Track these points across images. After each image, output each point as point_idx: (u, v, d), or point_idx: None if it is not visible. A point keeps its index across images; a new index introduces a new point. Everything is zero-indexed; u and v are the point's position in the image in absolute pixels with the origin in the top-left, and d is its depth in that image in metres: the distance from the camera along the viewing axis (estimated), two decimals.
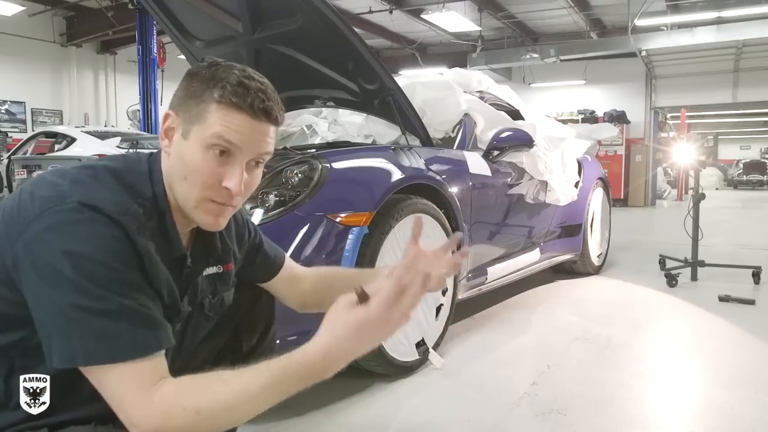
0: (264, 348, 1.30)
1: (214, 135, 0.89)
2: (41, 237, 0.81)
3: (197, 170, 0.91)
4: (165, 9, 2.72)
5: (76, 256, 0.80)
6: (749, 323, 2.89)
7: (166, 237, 0.94)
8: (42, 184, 0.88)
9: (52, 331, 0.80)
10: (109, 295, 0.80)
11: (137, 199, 0.90)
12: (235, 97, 0.89)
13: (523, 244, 3.29)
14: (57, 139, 7.00)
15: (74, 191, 0.85)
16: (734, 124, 23.18)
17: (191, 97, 0.92)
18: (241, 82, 0.90)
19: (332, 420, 1.78)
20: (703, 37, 9.22)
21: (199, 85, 0.91)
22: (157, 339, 0.84)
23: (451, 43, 12.01)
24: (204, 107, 0.90)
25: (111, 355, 0.79)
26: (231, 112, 0.89)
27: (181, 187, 0.93)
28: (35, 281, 0.81)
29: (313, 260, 1.80)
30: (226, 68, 0.92)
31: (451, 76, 3.39)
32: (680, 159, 4.55)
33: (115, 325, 0.80)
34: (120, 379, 0.80)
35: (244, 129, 0.90)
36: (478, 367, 2.26)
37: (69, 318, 0.79)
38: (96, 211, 0.83)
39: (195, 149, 0.91)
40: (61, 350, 0.80)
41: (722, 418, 1.84)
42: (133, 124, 9.91)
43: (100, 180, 0.89)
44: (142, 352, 0.81)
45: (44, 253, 0.80)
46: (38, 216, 0.82)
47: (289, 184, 1.93)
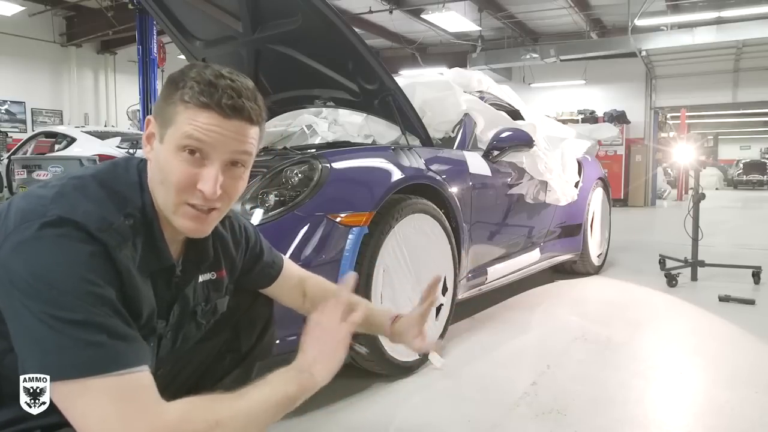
0: (262, 347, 1.31)
1: (184, 135, 0.88)
2: (18, 249, 0.79)
3: (171, 173, 0.89)
4: (165, 9, 2.72)
5: (51, 270, 0.78)
6: (749, 323, 2.89)
7: (154, 247, 0.93)
8: (28, 196, 0.87)
9: (28, 344, 0.78)
10: (85, 308, 0.78)
11: (125, 210, 0.89)
12: (203, 96, 0.88)
13: (523, 244, 3.29)
14: (57, 139, 7.01)
15: (56, 204, 0.83)
16: (734, 124, 23.18)
17: (164, 100, 0.91)
18: (210, 81, 0.88)
19: (332, 420, 1.78)
20: (703, 37, 9.21)
21: (171, 87, 0.91)
22: (135, 352, 0.81)
23: (451, 43, 12.01)
24: (173, 109, 0.89)
25: (92, 367, 0.76)
26: (199, 111, 0.88)
27: (160, 192, 0.92)
28: (12, 294, 0.79)
29: (312, 260, 1.80)
30: (200, 68, 0.91)
31: (451, 76, 3.39)
32: (680, 159, 4.55)
33: (93, 336, 0.77)
34: (109, 396, 0.76)
35: (213, 127, 0.88)
36: (478, 367, 2.26)
37: (44, 327, 0.76)
38: (76, 227, 0.81)
39: (168, 152, 0.89)
40: (35, 362, 0.77)
41: (722, 418, 1.84)
42: (133, 124, 9.90)
43: (86, 191, 0.87)
44: (125, 363, 0.78)
45: (20, 267, 0.78)
46: (17, 228, 0.81)
47: (289, 184, 1.93)
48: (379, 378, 2.07)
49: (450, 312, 2.43)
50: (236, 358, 1.27)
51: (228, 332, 1.25)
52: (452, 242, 2.40)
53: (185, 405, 0.82)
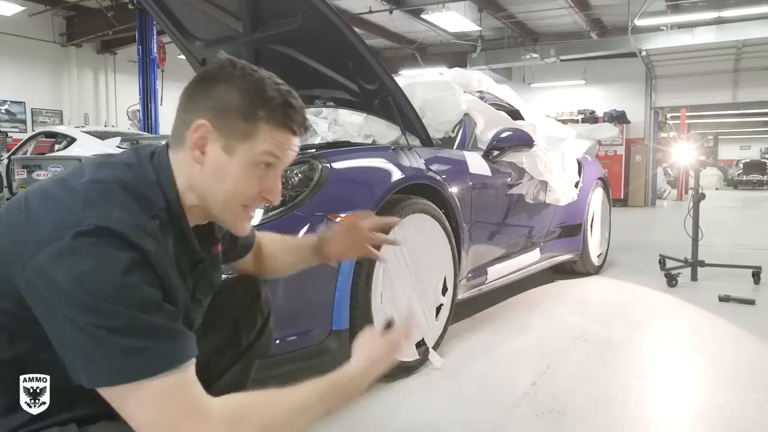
0: (261, 344, 1.33)
1: (265, 152, 0.93)
2: (57, 260, 0.78)
3: (244, 185, 0.94)
4: (165, 9, 2.72)
5: (94, 280, 0.78)
6: (749, 323, 2.89)
7: (184, 243, 0.94)
8: (50, 201, 0.85)
9: (75, 353, 0.79)
10: (130, 314, 0.79)
11: (151, 211, 0.88)
12: (284, 118, 0.94)
13: (523, 244, 3.29)
14: (57, 139, 6.99)
15: (89, 213, 0.82)
16: (734, 124, 23.18)
17: (234, 113, 0.91)
18: (287, 102, 0.94)
19: (332, 420, 1.77)
20: (703, 37, 9.21)
21: (242, 100, 0.91)
22: (181, 349, 0.83)
23: (451, 43, 12.01)
24: (252, 126, 0.92)
25: (140, 371, 0.78)
26: (279, 131, 0.94)
27: (218, 198, 0.94)
28: (53, 304, 0.79)
29: None
30: (261, 81, 0.93)
31: (451, 76, 3.39)
32: (680, 159, 4.54)
33: (139, 342, 0.79)
34: (158, 397, 0.79)
35: (287, 144, 0.96)
36: (478, 367, 2.26)
37: (92, 338, 0.77)
38: (114, 236, 0.81)
39: (243, 165, 0.93)
40: (87, 372, 0.79)
41: (722, 418, 1.84)
42: (133, 124, 9.91)
43: (112, 197, 0.86)
44: (171, 364, 0.81)
45: (60, 277, 0.78)
46: (50, 238, 0.80)
47: (289, 184, 1.92)
48: (379, 378, 2.07)
49: (450, 312, 2.43)
50: (236, 354, 1.28)
51: (228, 329, 1.26)
52: (452, 242, 2.40)
53: (234, 405, 0.85)
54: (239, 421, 0.83)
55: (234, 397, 0.87)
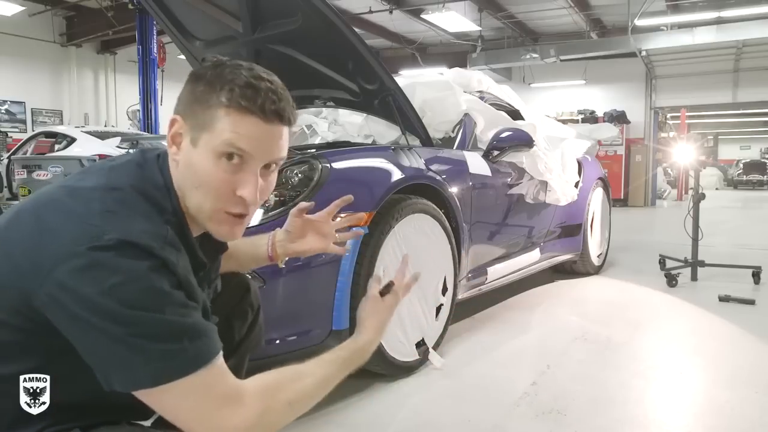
0: (253, 338, 1.33)
1: (225, 143, 0.86)
2: (83, 274, 0.77)
3: (209, 180, 0.87)
4: (165, 9, 2.72)
5: (125, 291, 0.78)
6: (749, 323, 2.89)
7: (189, 248, 0.92)
8: (65, 214, 0.83)
9: (111, 363, 0.80)
10: (161, 319, 0.79)
11: (164, 217, 0.88)
12: (245, 100, 0.85)
13: (523, 244, 3.29)
14: (57, 139, 7.00)
15: (110, 226, 0.80)
16: (734, 124, 23.17)
17: (198, 102, 0.88)
18: (250, 83, 0.86)
19: (332, 420, 1.78)
20: (703, 37, 9.21)
21: (205, 88, 0.87)
22: (213, 344, 0.85)
23: (451, 43, 12.01)
24: (212, 113, 0.86)
25: (180, 371, 0.80)
26: (241, 117, 0.85)
27: (194, 197, 0.90)
28: (83, 318, 0.78)
29: (312, 260, 1.80)
30: (233, 68, 0.87)
31: (451, 76, 3.39)
32: (680, 159, 4.55)
33: (175, 344, 0.80)
34: (196, 390, 0.82)
35: (255, 134, 0.86)
36: (478, 367, 2.26)
37: (129, 347, 0.78)
38: (136, 247, 0.80)
39: (205, 158, 0.87)
40: (124, 378, 0.80)
41: (722, 418, 1.84)
42: (133, 124, 9.91)
43: (131, 206, 0.85)
44: (206, 359, 0.83)
45: (89, 290, 0.77)
46: (74, 254, 0.78)
47: (289, 184, 1.93)
48: (379, 378, 2.07)
49: (450, 312, 2.43)
50: (229, 349, 1.28)
51: (221, 324, 1.26)
52: (452, 242, 2.40)
53: (263, 385, 0.89)
54: (269, 400, 0.87)
55: (263, 377, 0.90)
